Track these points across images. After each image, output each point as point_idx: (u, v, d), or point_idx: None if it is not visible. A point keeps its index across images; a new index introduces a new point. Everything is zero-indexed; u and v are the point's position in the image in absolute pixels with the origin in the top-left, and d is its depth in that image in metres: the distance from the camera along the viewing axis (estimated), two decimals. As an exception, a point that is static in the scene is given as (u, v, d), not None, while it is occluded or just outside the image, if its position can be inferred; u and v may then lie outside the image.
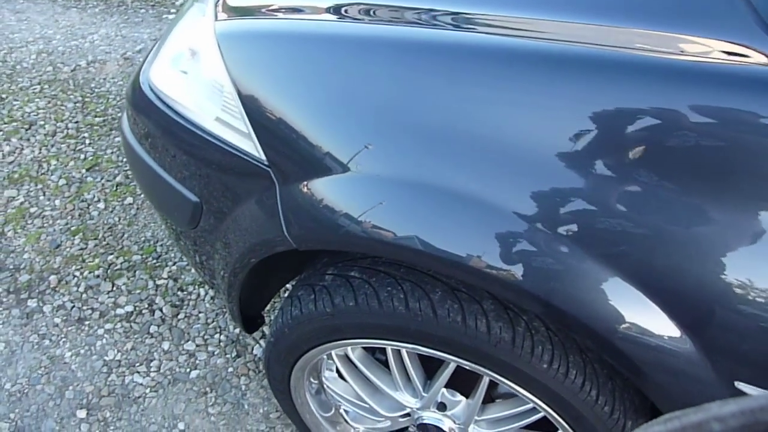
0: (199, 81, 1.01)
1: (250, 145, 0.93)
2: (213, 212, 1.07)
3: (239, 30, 0.96)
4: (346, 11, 0.91)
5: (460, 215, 0.78)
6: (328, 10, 0.93)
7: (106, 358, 1.60)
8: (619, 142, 0.71)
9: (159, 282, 1.79)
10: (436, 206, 0.79)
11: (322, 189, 0.87)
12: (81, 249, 1.88)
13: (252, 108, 0.91)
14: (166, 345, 1.63)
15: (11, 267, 1.83)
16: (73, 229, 1.94)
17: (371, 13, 0.89)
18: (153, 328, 1.67)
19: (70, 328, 1.67)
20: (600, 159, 0.72)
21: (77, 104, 2.45)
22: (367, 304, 0.92)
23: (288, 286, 1.59)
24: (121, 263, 1.84)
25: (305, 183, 0.88)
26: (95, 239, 1.91)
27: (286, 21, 0.94)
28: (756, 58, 0.68)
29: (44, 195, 2.06)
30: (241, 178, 0.98)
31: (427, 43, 0.81)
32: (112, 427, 1.47)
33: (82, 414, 1.49)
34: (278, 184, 0.91)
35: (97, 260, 1.84)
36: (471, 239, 0.78)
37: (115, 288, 1.77)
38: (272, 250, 0.96)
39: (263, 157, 0.92)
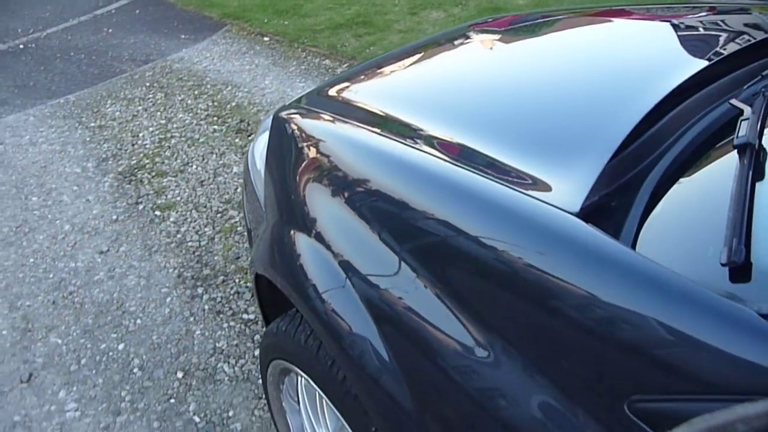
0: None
1: (262, 192, 1.28)
2: (254, 239, 1.43)
3: (285, 115, 1.32)
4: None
5: None
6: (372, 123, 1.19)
7: (217, 344, 2.06)
8: None
9: (281, 305, 2.21)
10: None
11: (280, 235, 1.15)
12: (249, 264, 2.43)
13: (267, 167, 1.26)
14: (257, 352, 2.02)
15: (203, 262, 2.47)
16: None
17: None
18: (257, 337, 2.08)
19: (209, 315, 2.19)
20: None
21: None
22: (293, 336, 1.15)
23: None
24: (266, 283, 2.32)
25: (271, 225, 1.18)
26: (261, 261, 2.44)
27: (321, 122, 1.25)
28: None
29: (251, 221, 2.71)
30: (259, 215, 1.32)
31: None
32: (191, 392, 1.90)
33: (180, 375, 1.96)
34: (265, 220, 1.23)
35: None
36: None
37: (252, 298, 2.25)
38: (255, 271, 1.27)
39: (263, 200, 1.25)
